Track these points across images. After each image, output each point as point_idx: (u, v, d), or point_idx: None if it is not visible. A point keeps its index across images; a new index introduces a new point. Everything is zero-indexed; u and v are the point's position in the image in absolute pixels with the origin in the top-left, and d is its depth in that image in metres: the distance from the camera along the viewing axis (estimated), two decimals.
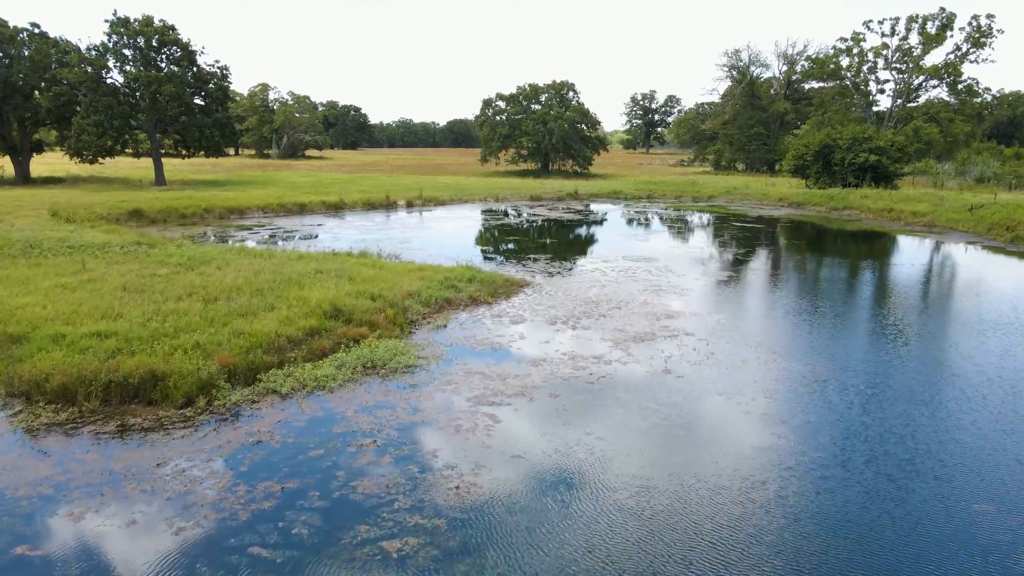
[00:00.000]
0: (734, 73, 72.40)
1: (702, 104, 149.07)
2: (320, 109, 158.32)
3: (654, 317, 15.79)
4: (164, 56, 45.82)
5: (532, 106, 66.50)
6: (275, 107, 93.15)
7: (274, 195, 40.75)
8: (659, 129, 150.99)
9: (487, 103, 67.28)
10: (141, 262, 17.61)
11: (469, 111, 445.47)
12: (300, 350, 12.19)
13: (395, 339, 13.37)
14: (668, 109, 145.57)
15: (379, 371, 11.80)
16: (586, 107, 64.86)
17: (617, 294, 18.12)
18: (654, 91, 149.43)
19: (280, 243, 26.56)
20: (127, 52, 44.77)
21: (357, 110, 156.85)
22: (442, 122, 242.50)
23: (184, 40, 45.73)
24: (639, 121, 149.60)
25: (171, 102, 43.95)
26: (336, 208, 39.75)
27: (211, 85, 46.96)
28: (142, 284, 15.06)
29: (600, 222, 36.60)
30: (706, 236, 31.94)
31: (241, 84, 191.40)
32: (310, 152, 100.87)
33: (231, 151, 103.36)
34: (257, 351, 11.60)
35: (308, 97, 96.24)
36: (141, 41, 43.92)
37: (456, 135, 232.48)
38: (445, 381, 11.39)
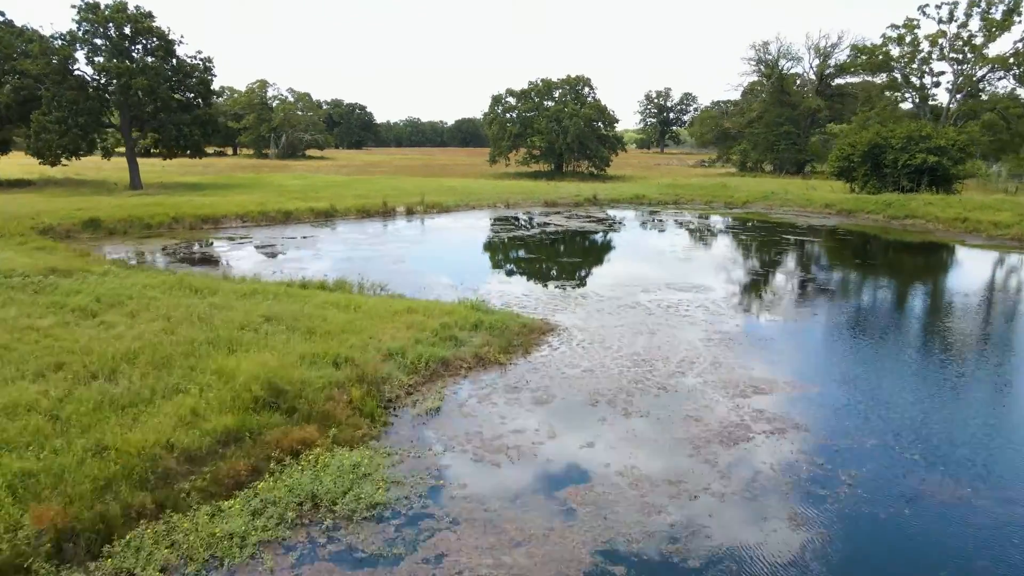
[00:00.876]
0: (762, 68, 67.38)
1: (719, 102, 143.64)
2: (324, 108, 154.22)
3: (736, 391, 11.09)
4: (141, 46, 41.39)
5: (545, 103, 61.80)
6: (274, 105, 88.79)
7: (258, 201, 36.23)
8: (674, 128, 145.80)
9: (496, 99, 62.63)
10: (28, 305, 13.02)
11: (477, 109, 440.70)
12: (200, 476, 7.58)
13: (359, 446, 8.74)
14: (684, 107, 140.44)
15: (323, 518, 7.18)
16: (603, 104, 60.13)
17: (673, 346, 13.43)
18: (669, 89, 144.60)
19: (241, 262, 22.02)
20: (98, 42, 40.34)
21: (362, 109, 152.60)
22: (450, 121, 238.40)
23: (162, 29, 41.27)
24: (653, 120, 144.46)
25: (145, 97, 39.47)
26: (326, 216, 35.19)
27: (192, 79, 42.48)
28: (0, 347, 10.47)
29: (627, 234, 31.86)
30: (758, 253, 27.12)
31: (243, 81, 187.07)
32: (311, 152, 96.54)
33: (229, 151, 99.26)
34: (121, 487, 7.01)
35: (309, 94, 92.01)
36: (113, 29, 39.46)
37: (464, 134, 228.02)
38: (432, 547, 6.74)
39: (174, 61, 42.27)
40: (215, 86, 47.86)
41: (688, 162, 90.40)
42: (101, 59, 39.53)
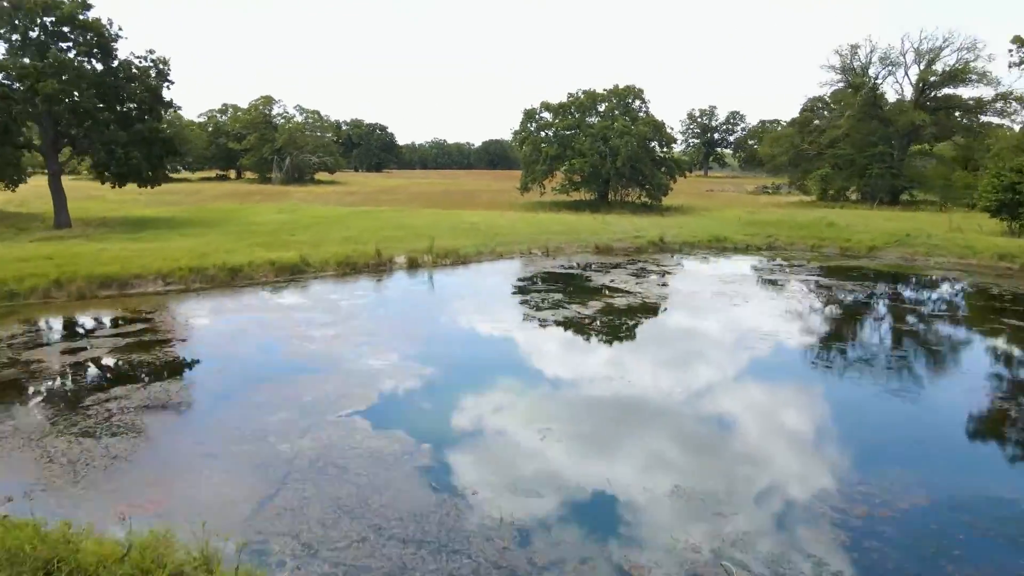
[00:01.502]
0: (848, 76, 55.89)
1: (769, 121, 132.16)
2: (344, 128, 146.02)
3: None
4: (72, 42, 31.66)
5: (588, 119, 51.13)
6: (279, 123, 79.51)
7: (201, 249, 25.93)
8: (718, 149, 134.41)
9: (529, 115, 52.08)
10: None
11: (505, 129, 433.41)
12: None
13: None
14: (730, 127, 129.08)
15: None
16: (659, 119, 49.22)
17: None
18: (714, 107, 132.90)
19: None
20: (16, 37, 30.67)
21: (383, 129, 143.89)
22: (477, 143, 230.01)
23: (99, 22, 31.49)
24: (696, 140, 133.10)
25: (62, 107, 29.57)
26: (292, 272, 24.71)
27: (134, 84, 32.55)
28: None
29: (766, 322, 20.44)
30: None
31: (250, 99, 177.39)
32: (321, 176, 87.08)
33: (232, 174, 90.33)
34: None
35: (319, 112, 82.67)
36: (24, 20, 29.72)
37: (492, 156, 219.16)
38: None
39: (114, 63, 32.46)
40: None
41: (746, 188, 78.85)
42: (4, 57, 29.75)
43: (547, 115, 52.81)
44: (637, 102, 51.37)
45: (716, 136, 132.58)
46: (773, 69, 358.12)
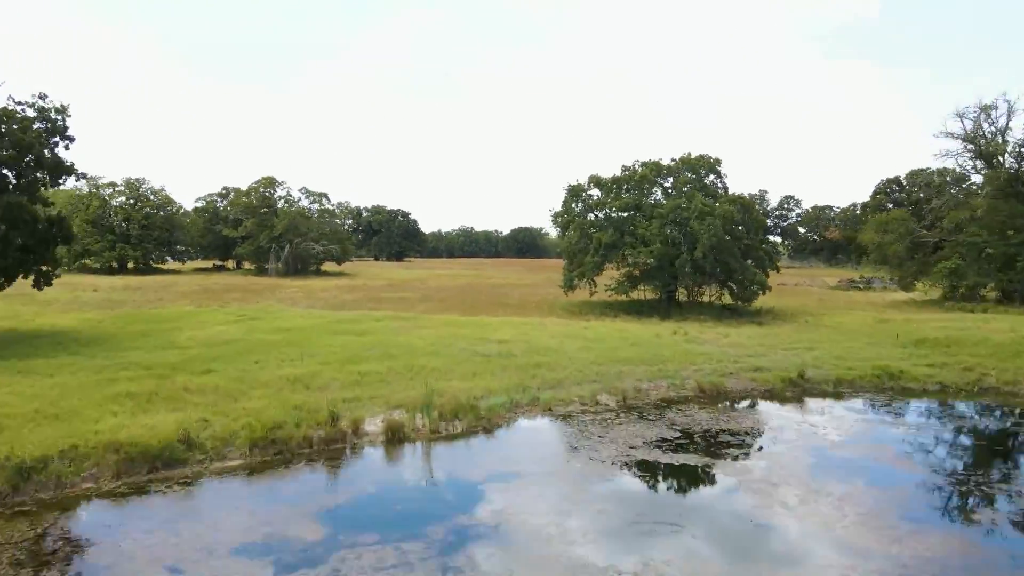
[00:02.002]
0: (977, 145, 44.11)
1: (825, 207, 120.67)
2: (365, 214, 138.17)
3: None
4: None
5: (649, 195, 39.81)
6: (280, 207, 69.83)
7: (17, 410, 14.21)
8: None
9: (575, 192, 40.87)
10: None
11: (535, 218, 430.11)
12: None
13: None
14: (783, 212, 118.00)
15: None
16: (747, 196, 37.60)
17: None
18: (764, 191, 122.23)
19: None
20: None
21: (405, 215, 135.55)
22: (505, 230, 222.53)
23: None
24: None
25: None
26: (158, 464, 12.66)
27: (5, 139, 21.83)
28: None
29: None
30: None
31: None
32: (328, 266, 76.82)
33: (230, 264, 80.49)
34: None
35: (326, 195, 73.06)
36: None
37: (521, 244, 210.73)
38: None
39: None
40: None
41: (827, 282, 66.27)
42: None
43: (596, 192, 41.64)
44: (710, 176, 40.03)
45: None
46: (823, 151, 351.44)
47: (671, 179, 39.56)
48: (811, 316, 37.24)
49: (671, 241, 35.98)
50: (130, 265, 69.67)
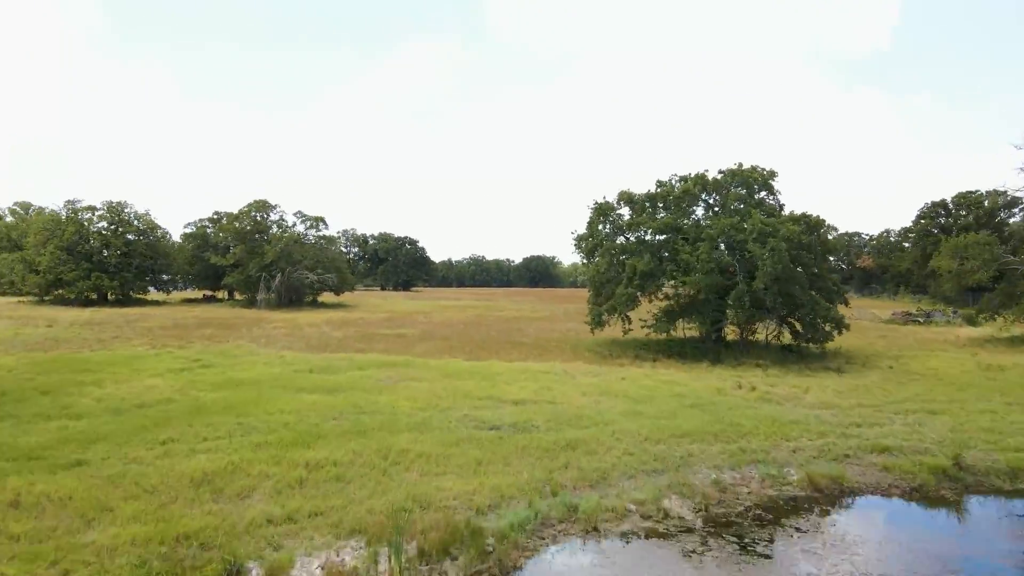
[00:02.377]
0: None
1: (849, 234, 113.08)
2: (371, 242, 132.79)
3: None
4: None
5: (687, 215, 33.52)
6: (272, 233, 64.01)
7: None
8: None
9: (602, 211, 34.55)
10: None
11: (547, 246, 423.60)
12: None
13: None
14: None
15: None
16: (814, 215, 31.18)
17: None
18: None
19: None
20: None
21: (413, 243, 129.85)
22: (517, 258, 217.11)
23: None
24: None
25: None
26: None
27: None
28: None
29: None
30: None
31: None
32: (326, 297, 70.88)
33: (223, 295, 74.67)
34: None
35: (323, 219, 67.19)
36: None
37: (533, 273, 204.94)
38: None
39: None
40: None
41: (877, 315, 59.32)
42: None
43: (625, 212, 35.38)
44: (762, 192, 33.71)
45: None
46: (845, 176, 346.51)
47: (715, 195, 33.25)
48: (891, 360, 30.55)
49: (722, 268, 29.58)
50: (111, 296, 63.99)
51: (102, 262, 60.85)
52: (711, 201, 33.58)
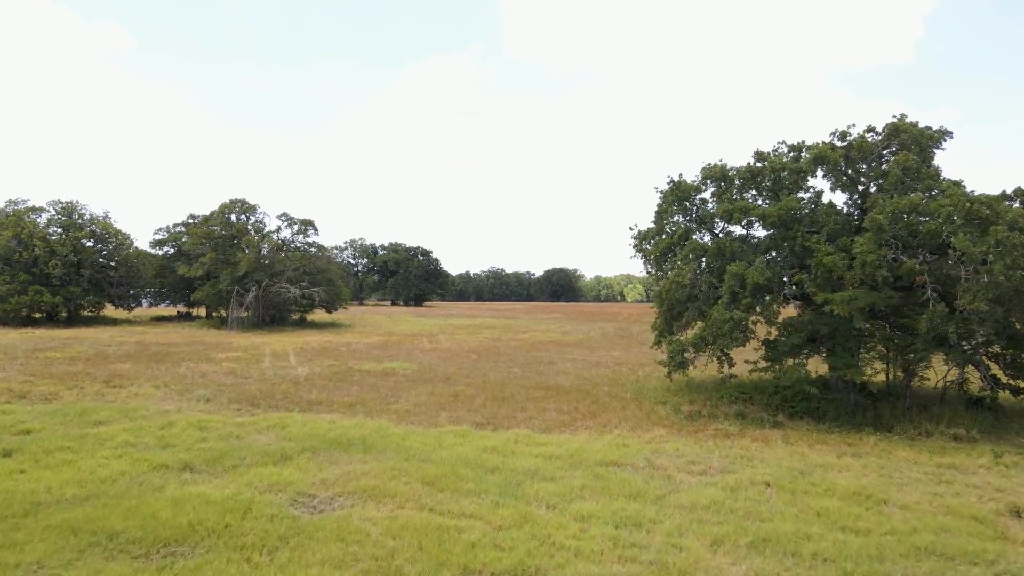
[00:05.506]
0: None
1: None
2: (381, 253, 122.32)
3: None
4: None
5: (802, 189, 21.97)
6: (249, 237, 53.23)
7: None
8: None
9: (680, 192, 23.12)
10: None
11: (569, 259, 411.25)
12: None
13: None
14: None
15: None
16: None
17: None
18: None
19: None
20: None
21: (426, 254, 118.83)
22: (538, 272, 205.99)
23: None
24: None
25: None
26: None
27: None
28: None
29: None
30: None
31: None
32: (317, 315, 60.03)
33: (200, 311, 64.14)
34: None
35: (312, 222, 56.32)
36: None
37: (555, 287, 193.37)
38: None
39: None
40: None
41: None
42: None
43: (707, 196, 23.85)
44: (923, 164, 21.98)
45: None
46: None
47: (863, 164, 21.60)
48: None
49: (897, 277, 18.01)
50: (63, 314, 53.58)
51: (45, 274, 50.57)
52: (851, 173, 21.88)
